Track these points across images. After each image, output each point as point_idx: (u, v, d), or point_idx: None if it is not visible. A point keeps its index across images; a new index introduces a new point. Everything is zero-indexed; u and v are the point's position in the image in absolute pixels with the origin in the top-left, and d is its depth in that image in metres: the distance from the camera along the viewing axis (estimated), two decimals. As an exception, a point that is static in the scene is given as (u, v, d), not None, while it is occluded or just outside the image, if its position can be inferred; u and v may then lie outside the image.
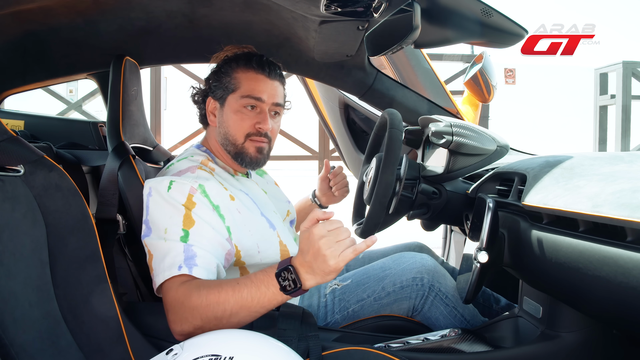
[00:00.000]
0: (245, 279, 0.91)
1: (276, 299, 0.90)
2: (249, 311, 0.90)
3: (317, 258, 0.87)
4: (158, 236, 0.99)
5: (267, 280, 0.90)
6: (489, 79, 1.98)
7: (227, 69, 1.16)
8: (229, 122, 1.14)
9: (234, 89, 1.14)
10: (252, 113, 1.13)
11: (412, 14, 0.96)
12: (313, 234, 0.88)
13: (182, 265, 0.94)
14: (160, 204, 1.01)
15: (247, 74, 1.14)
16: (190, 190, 1.01)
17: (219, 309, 0.88)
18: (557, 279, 0.85)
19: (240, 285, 0.90)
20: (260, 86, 1.14)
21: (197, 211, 1.00)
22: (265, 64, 1.15)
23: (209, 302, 0.89)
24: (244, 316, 0.90)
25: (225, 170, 1.18)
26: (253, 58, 1.15)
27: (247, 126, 1.13)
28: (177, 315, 0.91)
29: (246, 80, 1.14)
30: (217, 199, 1.04)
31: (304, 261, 0.89)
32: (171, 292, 0.93)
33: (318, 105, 2.33)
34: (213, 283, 0.93)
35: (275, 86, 1.16)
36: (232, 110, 1.14)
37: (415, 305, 1.16)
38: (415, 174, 1.18)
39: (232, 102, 1.14)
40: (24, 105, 2.52)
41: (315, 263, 0.87)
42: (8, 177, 0.91)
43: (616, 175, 0.80)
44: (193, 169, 1.09)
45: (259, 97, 1.13)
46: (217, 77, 1.17)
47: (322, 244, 0.86)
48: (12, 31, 1.26)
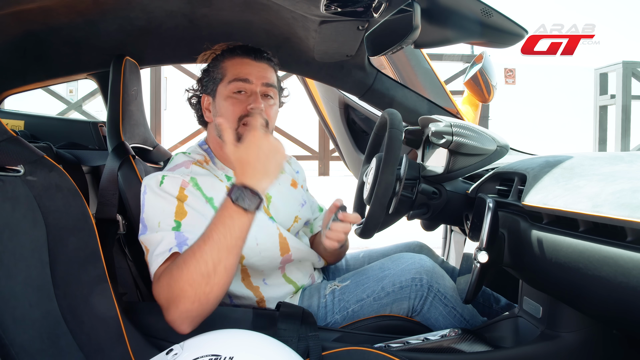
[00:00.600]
0: (209, 226, 0.89)
1: (245, 224, 0.89)
2: (228, 250, 0.87)
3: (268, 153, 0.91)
4: (152, 230, 1.00)
5: (229, 212, 0.88)
6: (489, 79, 1.98)
7: (215, 63, 1.18)
8: (221, 110, 1.13)
9: (221, 78, 1.14)
10: (243, 96, 1.12)
11: (412, 14, 0.96)
12: (258, 133, 0.91)
13: (172, 248, 0.94)
14: (154, 199, 1.02)
15: (232, 60, 1.15)
16: (182, 183, 1.02)
17: (202, 264, 0.86)
18: (557, 278, 0.85)
19: (207, 233, 0.88)
20: (247, 68, 1.13)
21: (189, 203, 1.00)
22: (250, 49, 1.15)
23: (188, 266, 0.86)
24: (226, 257, 0.87)
25: (223, 171, 1.16)
26: (238, 47, 1.16)
27: (239, 110, 1.11)
28: (168, 299, 0.88)
29: (232, 66, 1.14)
30: (210, 192, 1.04)
31: (253, 170, 0.89)
32: (156, 285, 0.91)
33: (318, 105, 2.33)
34: (186, 250, 0.90)
35: (264, 67, 1.15)
36: (222, 98, 1.13)
37: (414, 306, 1.16)
38: (415, 174, 1.18)
39: (221, 90, 1.14)
40: (24, 105, 2.53)
41: (268, 160, 0.90)
42: (8, 177, 0.91)
43: (616, 175, 0.80)
44: (187, 164, 1.10)
45: (245, 78, 1.12)
46: (207, 73, 1.18)
47: (265, 138, 0.91)
48: (12, 31, 1.26)
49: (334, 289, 1.19)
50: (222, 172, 1.15)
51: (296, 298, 1.20)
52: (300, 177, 1.36)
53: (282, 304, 1.05)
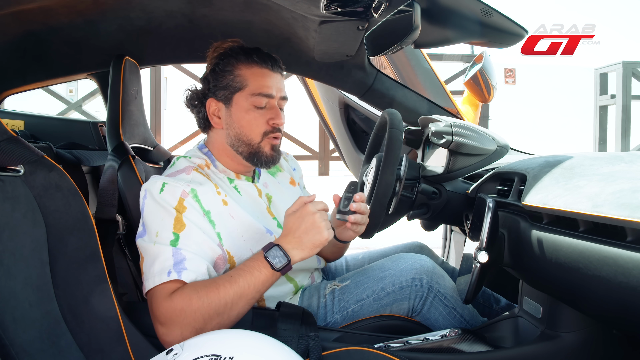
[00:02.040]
0: (237, 270, 0.96)
1: (269, 280, 0.96)
2: (247, 299, 0.94)
3: (310, 231, 0.96)
4: (150, 239, 1.00)
5: (258, 264, 0.96)
6: (489, 79, 1.98)
7: (226, 66, 1.11)
8: (242, 122, 1.10)
9: (240, 87, 1.10)
10: (264, 110, 1.11)
11: (412, 14, 0.96)
12: (308, 209, 0.97)
13: (171, 271, 0.95)
14: (153, 206, 1.02)
15: (251, 69, 1.10)
16: (182, 194, 1.01)
17: (221, 303, 0.92)
18: (557, 279, 0.85)
19: (234, 276, 0.95)
20: (268, 81, 1.10)
21: (187, 215, 1.00)
22: (267, 57, 1.12)
23: (210, 300, 0.91)
24: (242, 305, 0.94)
25: (225, 173, 1.15)
26: (253, 52, 1.11)
27: (262, 124, 1.10)
28: (176, 323, 0.91)
29: (252, 76, 1.10)
30: (208, 205, 1.04)
31: (292, 238, 0.97)
32: (166, 303, 0.92)
33: (318, 105, 2.33)
34: (208, 282, 0.95)
35: (280, 79, 1.13)
36: (242, 110, 1.10)
37: (414, 306, 1.16)
38: (415, 174, 1.18)
39: (240, 101, 1.10)
40: (24, 105, 2.53)
41: (307, 236, 0.96)
42: (8, 177, 0.91)
43: (616, 175, 0.80)
44: (188, 170, 1.09)
45: (269, 93, 1.10)
46: (217, 76, 1.12)
47: (317, 217, 0.96)
48: (12, 31, 1.26)
49: (333, 288, 1.19)
50: (223, 175, 1.15)
51: (296, 298, 1.19)
52: (297, 175, 1.35)
53: (282, 304, 1.05)
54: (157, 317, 0.93)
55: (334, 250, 1.30)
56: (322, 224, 0.96)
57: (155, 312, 0.94)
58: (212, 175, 1.13)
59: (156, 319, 0.94)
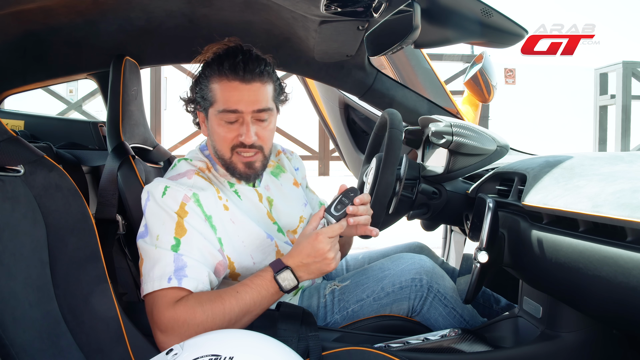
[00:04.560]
0: (243, 285, 0.96)
1: (274, 299, 0.98)
2: (251, 315, 0.96)
3: (319, 262, 0.97)
4: (151, 242, 1.00)
5: (266, 284, 0.96)
6: (489, 79, 1.98)
7: (203, 77, 1.07)
8: (214, 136, 1.08)
9: (211, 102, 1.05)
10: (234, 126, 1.05)
11: (412, 14, 0.96)
12: (323, 240, 0.96)
13: (171, 277, 0.95)
14: (155, 209, 1.01)
15: (220, 83, 1.04)
16: (184, 198, 1.01)
17: (225, 319, 0.93)
18: (557, 278, 0.85)
19: (240, 293, 0.95)
20: (235, 96, 1.03)
21: (189, 220, 1.00)
22: (239, 66, 1.02)
23: (214, 316, 0.92)
24: (246, 321, 0.96)
25: (225, 177, 1.13)
26: (225, 61, 1.03)
27: (230, 139, 1.06)
28: (177, 334, 0.91)
29: (220, 90, 1.04)
30: (210, 209, 1.04)
31: (302, 262, 0.97)
32: (168, 312, 0.92)
33: (318, 105, 2.33)
34: (213, 295, 0.95)
35: (254, 90, 1.03)
36: (215, 124, 1.07)
37: (414, 306, 1.16)
38: (415, 174, 1.18)
39: (212, 116, 1.07)
40: (24, 105, 2.53)
41: (315, 265, 0.97)
42: (8, 177, 0.91)
43: (616, 175, 0.80)
44: (190, 174, 1.08)
45: (234, 109, 1.03)
46: (198, 85, 1.09)
47: (328, 252, 0.96)
48: (12, 31, 1.26)
49: (333, 288, 1.19)
50: (224, 180, 1.13)
51: (296, 298, 1.19)
52: (299, 175, 1.33)
53: (282, 304, 1.05)
54: (158, 324, 0.93)
55: None
56: (331, 256, 0.97)
57: (156, 319, 0.93)
58: (213, 178, 1.12)
59: (156, 326, 0.94)
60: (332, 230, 0.98)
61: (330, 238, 0.97)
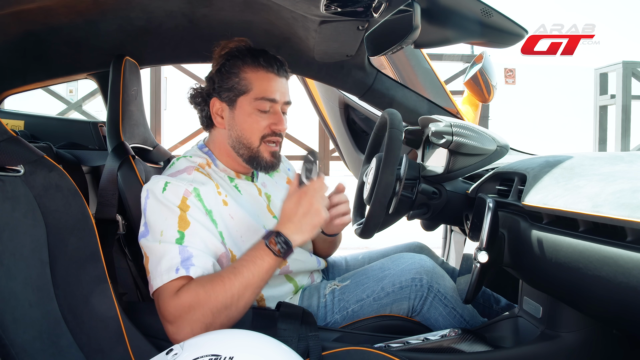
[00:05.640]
0: (240, 261, 0.96)
1: (272, 267, 0.97)
2: (252, 288, 0.95)
3: (308, 214, 0.98)
4: (154, 238, 1.00)
5: (261, 253, 0.96)
6: (489, 79, 1.98)
7: (232, 67, 1.11)
8: (243, 125, 1.11)
9: (245, 91, 1.10)
10: (267, 114, 1.11)
11: (412, 14, 0.96)
12: (305, 194, 0.99)
13: (179, 268, 0.95)
14: (156, 205, 1.02)
15: (257, 73, 1.10)
16: (185, 192, 1.02)
17: (227, 296, 0.92)
18: (557, 279, 0.85)
19: (238, 267, 0.95)
20: (272, 86, 1.10)
21: (191, 213, 1.01)
22: (273, 60, 1.12)
23: (217, 294, 0.92)
24: (249, 296, 0.95)
25: (226, 172, 1.16)
26: (260, 55, 1.11)
27: (262, 128, 1.11)
28: (185, 320, 0.91)
29: (257, 80, 1.10)
30: (210, 204, 1.04)
31: (291, 224, 0.98)
32: (173, 301, 0.92)
33: (318, 105, 2.33)
34: (213, 276, 0.95)
35: (284, 83, 1.13)
36: (245, 113, 1.10)
37: (414, 306, 1.16)
38: (415, 174, 1.18)
39: (244, 104, 1.11)
40: (24, 105, 2.53)
41: (305, 219, 0.98)
42: (8, 177, 0.91)
43: (616, 175, 0.80)
44: (190, 170, 1.09)
45: (272, 98, 1.10)
46: (222, 76, 1.12)
47: (314, 200, 0.98)
48: (12, 31, 1.26)
49: (333, 288, 1.19)
50: (224, 174, 1.15)
51: (296, 298, 1.20)
52: (292, 175, 1.36)
53: (282, 304, 1.05)
54: (165, 316, 0.93)
55: (324, 245, 1.31)
56: (319, 205, 0.99)
57: (163, 312, 0.93)
58: (213, 174, 1.13)
59: (165, 319, 0.93)
60: (312, 185, 1.01)
61: (312, 191, 0.99)
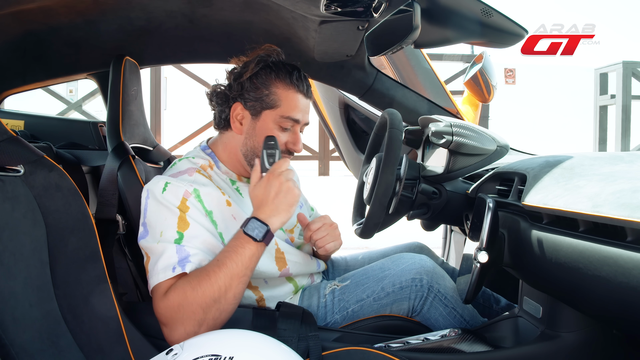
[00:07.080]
0: (222, 252, 0.96)
1: (255, 254, 0.96)
2: (239, 278, 0.94)
3: (280, 193, 0.99)
4: (153, 239, 1.00)
5: (241, 242, 0.96)
6: (489, 79, 1.98)
7: (265, 79, 1.11)
8: (262, 137, 1.10)
9: (272, 106, 1.10)
10: (286, 132, 1.13)
11: (412, 14, 0.96)
12: (273, 173, 1.00)
13: (175, 267, 0.95)
14: (156, 206, 1.02)
15: (287, 92, 1.11)
16: (185, 193, 1.02)
17: (214, 289, 0.91)
18: (557, 279, 0.85)
19: (221, 259, 0.94)
20: (299, 107, 1.12)
21: (191, 214, 1.01)
22: (303, 80, 1.13)
23: (204, 289, 0.91)
24: (236, 286, 0.94)
25: (227, 175, 1.16)
26: (294, 73, 1.12)
27: (280, 144, 1.11)
28: (177, 320, 0.91)
29: (287, 99, 1.11)
30: (210, 205, 1.04)
31: (266, 207, 0.99)
32: (162, 303, 0.93)
33: (318, 105, 2.33)
34: (198, 271, 0.95)
35: (308, 105, 1.16)
36: (267, 127, 1.11)
37: (414, 306, 1.16)
38: (415, 174, 1.18)
39: (268, 118, 1.11)
40: (24, 105, 2.53)
41: (279, 199, 0.99)
42: (8, 177, 0.91)
43: (616, 175, 0.80)
44: (191, 172, 1.09)
45: (297, 118, 1.12)
46: (253, 86, 1.11)
47: (282, 178, 1.00)
48: (12, 31, 1.26)
49: (333, 288, 1.19)
50: (226, 177, 1.15)
51: (296, 298, 1.20)
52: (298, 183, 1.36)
53: (282, 304, 1.05)
54: (159, 318, 0.94)
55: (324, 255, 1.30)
56: (289, 183, 1.00)
57: (157, 314, 0.94)
58: (215, 176, 1.13)
59: (159, 321, 0.94)
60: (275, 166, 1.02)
61: (278, 172, 1.00)
